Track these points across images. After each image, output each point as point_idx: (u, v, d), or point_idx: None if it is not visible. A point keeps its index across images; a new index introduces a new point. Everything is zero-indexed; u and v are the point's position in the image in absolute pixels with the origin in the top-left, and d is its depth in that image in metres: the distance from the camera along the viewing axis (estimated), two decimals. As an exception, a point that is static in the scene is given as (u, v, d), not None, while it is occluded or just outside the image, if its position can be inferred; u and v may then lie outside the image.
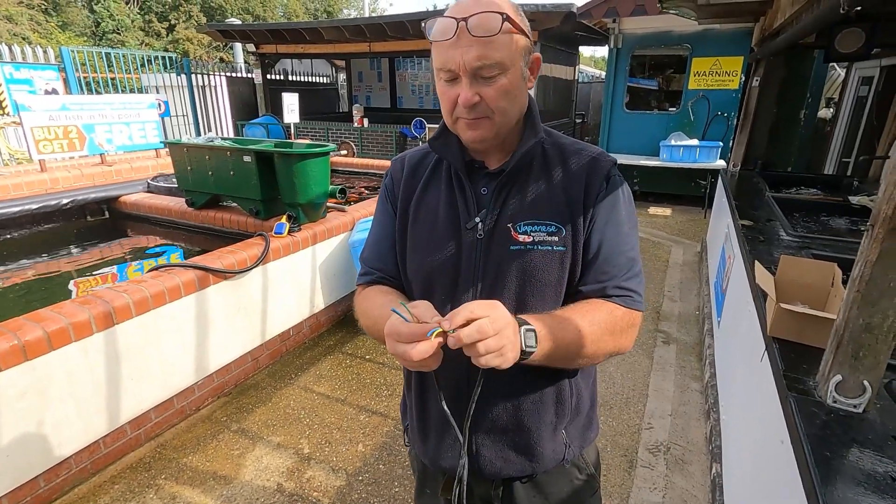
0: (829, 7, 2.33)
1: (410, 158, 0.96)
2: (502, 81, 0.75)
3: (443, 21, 0.74)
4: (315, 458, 2.29)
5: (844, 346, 1.04)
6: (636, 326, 0.86)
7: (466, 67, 0.73)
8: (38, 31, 20.27)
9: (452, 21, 0.72)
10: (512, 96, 0.78)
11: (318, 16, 29.48)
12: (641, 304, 0.86)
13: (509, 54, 0.75)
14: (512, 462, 0.90)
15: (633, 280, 0.85)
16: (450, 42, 0.73)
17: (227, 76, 10.00)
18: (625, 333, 0.84)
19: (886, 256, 0.95)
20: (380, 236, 0.96)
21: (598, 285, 0.83)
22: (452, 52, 0.74)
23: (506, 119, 0.80)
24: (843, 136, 6.57)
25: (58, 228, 4.10)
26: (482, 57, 0.73)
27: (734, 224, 2.75)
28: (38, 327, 1.86)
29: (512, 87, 0.77)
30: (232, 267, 2.61)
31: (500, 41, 0.73)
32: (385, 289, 0.93)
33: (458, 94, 0.76)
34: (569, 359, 0.79)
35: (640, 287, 0.86)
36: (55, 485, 2.00)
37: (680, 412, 2.60)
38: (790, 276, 1.63)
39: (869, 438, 1.01)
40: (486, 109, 0.77)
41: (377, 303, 0.88)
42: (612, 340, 0.82)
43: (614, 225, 0.84)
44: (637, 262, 0.86)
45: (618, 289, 0.83)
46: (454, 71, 0.75)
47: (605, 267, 0.83)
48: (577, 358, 0.80)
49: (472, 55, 0.72)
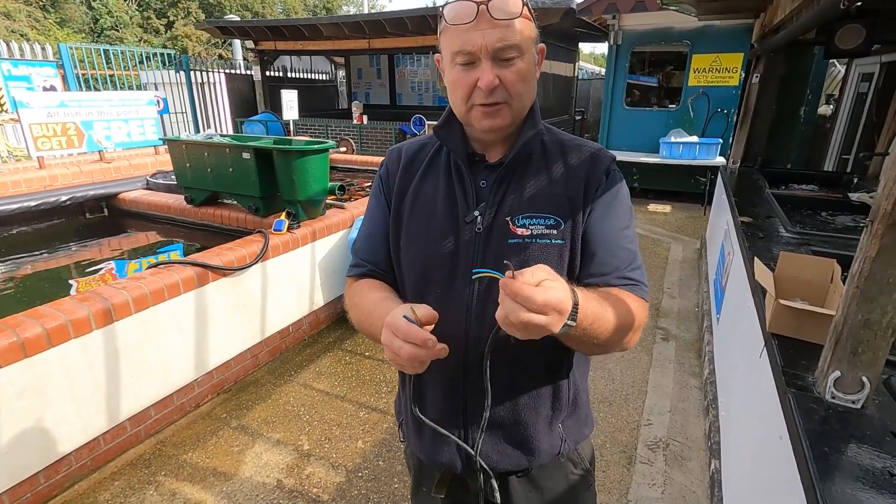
0: (830, 3, 2.32)
1: (407, 149, 0.96)
2: (520, 65, 0.75)
3: (461, 4, 0.73)
4: (315, 454, 2.29)
5: (843, 343, 1.04)
6: (645, 319, 0.84)
7: (488, 49, 0.73)
8: (36, 28, 20.20)
9: (472, 4, 0.72)
10: (528, 81, 0.78)
11: (317, 12, 29.38)
12: (647, 294, 0.85)
13: (525, 39, 0.75)
14: (508, 456, 0.90)
15: (636, 271, 0.84)
16: (469, 25, 0.73)
17: (226, 73, 9.98)
18: (638, 330, 0.82)
19: (885, 253, 0.95)
20: (372, 228, 0.95)
21: (602, 277, 0.82)
22: (472, 34, 0.73)
23: (521, 106, 0.80)
24: (843, 132, 6.56)
25: (56, 226, 4.09)
26: (503, 38, 0.72)
27: (734, 221, 2.75)
28: (38, 324, 1.86)
29: (528, 71, 0.77)
30: (231, 264, 2.61)
31: (518, 25, 0.73)
32: (376, 284, 0.92)
33: (477, 79, 0.74)
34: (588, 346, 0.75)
35: (643, 278, 0.85)
36: (55, 481, 2.00)
37: (679, 408, 2.60)
38: (789, 272, 1.63)
39: (867, 434, 1.01)
40: (504, 94, 0.76)
41: (370, 299, 0.87)
42: (629, 335, 0.79)
43: (614, 219, 0.84)
44: (638, 256, 0.86)
45: (622, 279, 0.82)
46: (473, 53, 0.74)
47: (608, 258, 0.83)
48: (597, 347, 0.76)
49: (495, 36, 0.72)
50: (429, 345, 0.67)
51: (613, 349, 0.80)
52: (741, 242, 2.34)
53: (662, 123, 6.85)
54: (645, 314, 0.83)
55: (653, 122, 6.94)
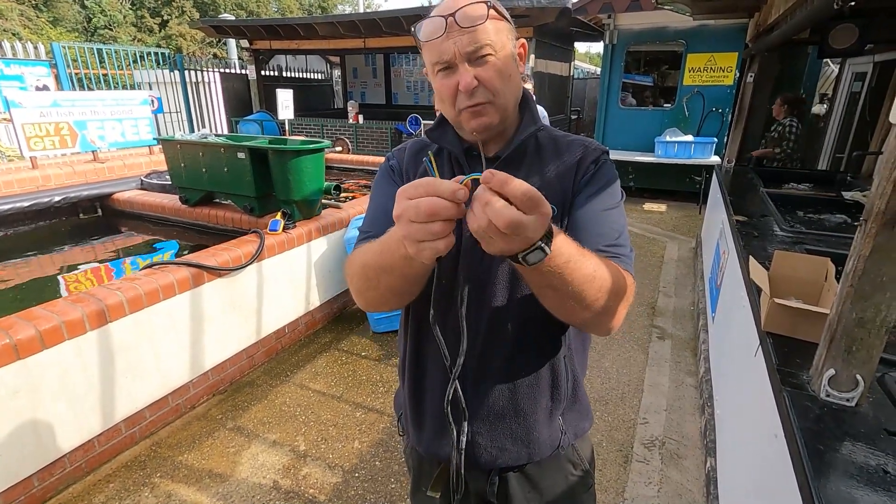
0: (823, 3, 2.33)
1: (411, 147, 0.98)
2: (496, 61, 0.78)
3: (430, 21, 0.78)
4: (311, 455, 2.29)
5: (837, 341, 1.05)
6: (631, 298, 0.79)
7: (461, 52, 0.76)
8: (28, 27, 20.05)
9: (440, 19, 0.76)
10: (506, 76, 0.80)
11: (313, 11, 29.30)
12: (631, 267, 0.81)
13: (498, 37, 0.78)
14: (508, 451, 0.90)
15: (622, 247, 0.82)
16: (441, 38, 0.77)
17: (220, 72, 9.92)
18: (621, 298, 0.76)
19: (879, 251, 0.95)
20: (378, 212, 0.92)
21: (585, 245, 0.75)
22: (445, 44, 0.77)
23: (505, 101, 0.81)
24: (837, 131, 6.60)
25: (50, 226, 4.06)
26: (474, 41, 0.76)
27: (728, 220, 2.76)
28: (31, 326, 1.85)
29: (505, 67, 0.79)
30: (226, 264, 2.60)
31: (487, 27, 0.77)
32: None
33: (457, 82, 0.78)
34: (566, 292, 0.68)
35: (630, 254, 0.82)
36: (49, 484, 1.99)
37: (675, 407, 2.61)
38: (784, 271, 1.64)
39: (861, 432, 1.01)
40: (485, 93, 0.79)
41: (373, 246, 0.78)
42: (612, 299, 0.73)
43: (601, 200, 0.84)
44: (625, 234, 0.83)
45: (607, 247, 0.80)
46: (450, 60, 0.77)
47: (594, 230, 0.81)
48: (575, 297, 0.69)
49: (466, 41, 0.76)
50: (459, 196, 0.56)
51: (596, 315, 0.73)
52: (736, 241, 2.35)
53: (658, 123, 6.87)
54: (630, 287, 0.78)
55: (648, 121, 6.96)
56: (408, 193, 0.58)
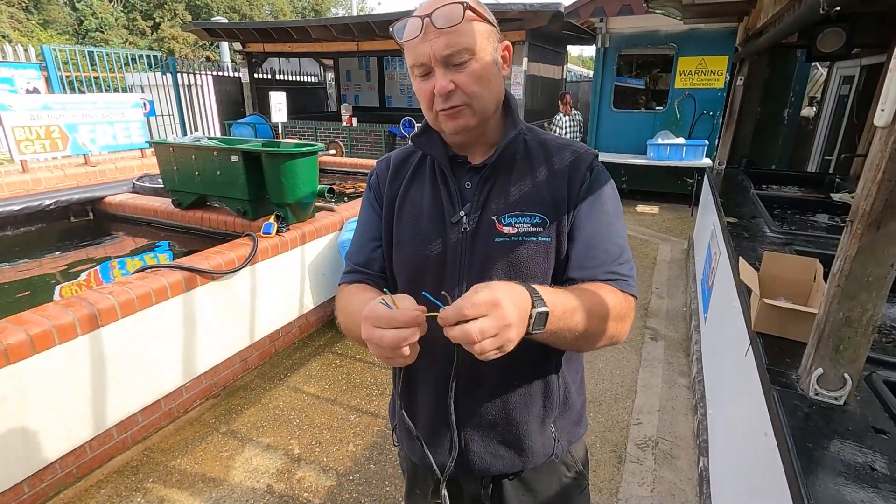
0: (809, 7, 2.37)
1: (395, 158, 0.98)
2: (474, 66, 0.78)
3: (408, 21, 0.78)
4: (305, 458, 2.28)
5: (825, 340, 1.07)
6: (632, 314, 0.84)
7: (437, 57, 0.76)
8: (18, 30, 19.88)
9: (417, 20, 0.76)
10: (485, 80, 0.80)
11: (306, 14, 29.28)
12: (635, 288, 0.84)
13: (476, 40, 0.78)
14: (501, 457, 0.90)
15: (624, 265, 0.84)
16: (418, 39, 0.77)
17: (213, 75, 9.89)
18: (623, 321, 0.81)
19: (865, 251, 0.97)
20: (364, 235, 0.97)
21: (589, 271, 0.82)
22: (422, 46, 0.77)
23: (483, 105, 0.81)
24: (826, 134, 6.69)
25: (41, 230, 4.02)
26: (450, 44, 0.76)
27: (720, 221, 2.78)
28: (21, 330, 1.83)
29: (484, 71, 0.79)
30: (220, 267, 2.59)
31: (464, 29, 0.76)
32: (366, 287, 0.92)
33: (434, 87, 0.78)
34: (568, 341, 0.75)
35: (631, 272, 0.85)
36: (40, 490, 1.97)
37: (668, 407, 2.63)
38: (773, 271, 1.66)
39: (849, 430, 1.03)
40: (462, 97, 0.79)
41: (357, 300, 0.87)
42: (612, 325, 0.79)
43: (599, 214, 0.85)
44: (626, 250, 0.86)
45: (609, 273, 0.82)
46: (427, 64, 0.78)
47: (594, 252, 0.83)
48: (577, 341, 0.76)
49: (441, 44, 0.76)
50: (418, 320, 0.63)
51: (598, 343, 0.79)
52: (727, 242, 2.37)
53: (649, 125, 6.93)
54: (629, 307, 0.82)
55: (640, 124, 7.02)
56: (372, 321, 0.64)
